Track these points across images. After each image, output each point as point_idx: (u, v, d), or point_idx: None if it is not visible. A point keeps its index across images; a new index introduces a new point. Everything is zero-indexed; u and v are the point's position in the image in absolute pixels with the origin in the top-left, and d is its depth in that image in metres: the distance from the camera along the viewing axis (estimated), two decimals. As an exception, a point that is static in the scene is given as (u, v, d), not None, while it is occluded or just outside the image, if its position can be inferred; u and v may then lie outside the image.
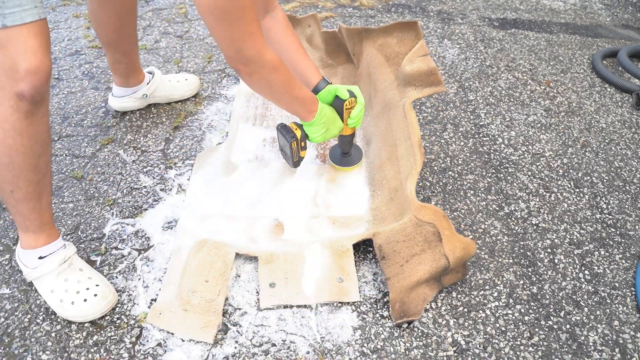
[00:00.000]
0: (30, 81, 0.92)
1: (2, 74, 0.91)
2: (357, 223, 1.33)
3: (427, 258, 1.14)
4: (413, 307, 1.13)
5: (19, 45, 0.89)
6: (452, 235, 1.15)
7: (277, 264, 1.21)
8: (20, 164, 0.99)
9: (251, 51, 1.04)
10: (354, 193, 1.42)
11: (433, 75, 1.38)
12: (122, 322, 1.12)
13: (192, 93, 1.78)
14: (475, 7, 2.61)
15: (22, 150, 0.98)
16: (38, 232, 1.10)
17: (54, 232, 1.14)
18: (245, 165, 1.48)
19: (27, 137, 0.97)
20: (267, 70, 1.09)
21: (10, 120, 0.94)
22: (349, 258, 1.22)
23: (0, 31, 0.88)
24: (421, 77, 1.39)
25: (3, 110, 0.94)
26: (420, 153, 1.27)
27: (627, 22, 2.61)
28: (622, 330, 1.17)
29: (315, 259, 1.22)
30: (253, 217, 1.34)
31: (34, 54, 0.91)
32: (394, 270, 1.15)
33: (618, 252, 1.36)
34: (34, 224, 1.09)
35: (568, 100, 1.94)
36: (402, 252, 1.16)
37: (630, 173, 1.62)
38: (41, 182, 1.05)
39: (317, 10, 2.45)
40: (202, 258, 1.19)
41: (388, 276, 1.15)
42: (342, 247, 1.24)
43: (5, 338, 1.08)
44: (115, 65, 1.58)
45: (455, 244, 1.14)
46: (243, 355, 1.07)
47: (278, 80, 1.13)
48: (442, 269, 1.14)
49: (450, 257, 1.12)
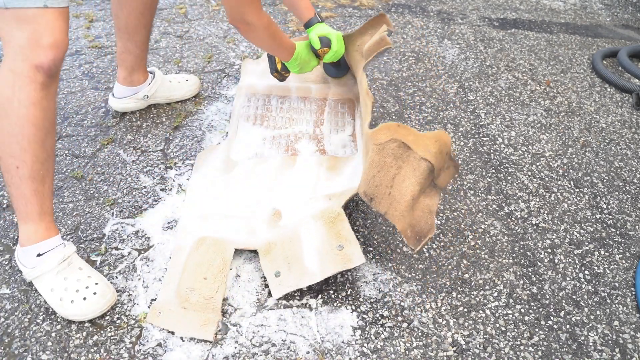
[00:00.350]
0: (52, 54, 1.02)
1: (27, 47, 1.01)
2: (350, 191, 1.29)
3: (407, 172, 1.09)
4: (423, 224, 1.09)
5: (49, 23, 1.02)
6: (417, 137, 1.10)
7: (276, 252, 1.21)
8: (30, 136, 1.04)
9: (250, 16, 1.29)
10: (354, 181, 1.42)
11: (383, 41, 1.47)
12: (122, 322, 1.12)
13: (193, 93, 1.78)
14: (475, 7, 2.61)
15: (34, 121, 1.04)
16: (38, 222, 1.11)
17: (53, 227, 1.14)
18: (245, 162, 1.48)
19: (39, 109, 1.04)
20: (260, 30, 1.35)
21: (27, 89, 1.02)
22: (342, 222, 1.19)
23: (40, 10, 1.00)
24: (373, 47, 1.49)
25: (21, 80, 1.02)
26: (369, 97, 1.34)
27: (627, 22, 2.61)
28: (622, 330, 1.17)
29: (311, 234, 1.20)
30: (253, 212, 1.34)
31: (60, 32, 1.03)
32: (386, 203, 1.11)
33: (618, 252, 1.36)
34: (34, 211, 1.10)
35: (568, 100, 1.94)
36: (383, 181, 1.11)
37: (630, 173, 1.62)
38: (46, 162, 1.09)
39: (317, 10, 2.45)
40: (201, 256, 1.19)
41: (383, 212, 1.11)
42: (333, 212, 1.22)
43: (5, 338, 1.08)
44: (123, 56, 1.58)
45: (425, 142, 1.09)
46: (243, 355, 1.07)
47: (268, 35, 1.40)
48: (428, 172, 1.08)
49: (428, 155, 1.07)
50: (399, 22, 2.39)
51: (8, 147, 1.05)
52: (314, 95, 1.76)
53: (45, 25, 1.01)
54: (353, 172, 1.44)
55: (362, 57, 1.58)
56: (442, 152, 1.10)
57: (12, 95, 1.02)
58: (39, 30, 1.01)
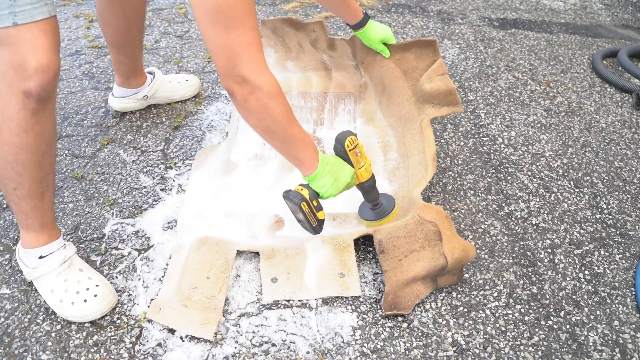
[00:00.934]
0: (39, 79, 0.91)
1: (11, 72, 0.91)
2: (357, 220, 1.33)
3: (426, 255, 1.15)
4: (405, 302, 1.14)
5: (28, 43, 0.88)
6: (452, 237, 1.16)
7: (278, 259, 1.22)
8: (25, 161, 0.99)
9: (248, 66, 0.93)
10: (352, 190, 1.42)
11: (451, 96, 1.41)
12: (122, 322, 1.12)
13: (193, 94, 1.78)
14: (475, 7, 2.61)
15: (28, 147, 0.97)
16: (39, 231, 1.10)
17: (55, 231, 1.14)
18: (245, 164, 1.48)
19: (32, 135, 0.97)
20: (264, 94, 0.96)
21: (17, 117, 0.94)
22: (350, 253, 1.24)
23: (11, 29, 0.87)
24: (439, 96, 1.42)
25: (10, 107, 0.93)
26: (433, 166, 1.29)
27: (627, 22, 2.61)
28: (622, 330, 1.17)
29: (317, 254, 1.23)
30: (253, 214, 1.34)
31: (44, 52, 0.90)
32: (392, 264, 1.16)
33: (618, 252, 1.36)
34: (35, 223, 1.09)
35: (568, 100, 1.94)
36: (402, 247, 1.17)
37: (630, 173, 1.62)
38: (45, 180, 1.05)
39: (317, 10, 2.45)
40: (204, 255, 1.20)
41: (385, 269, 1.16)
42: (344, 242, 1.25)
43: (5, 338, 1.08)
44: (117, 65, 1.59)
45: (455, 245, 1.15)
46: (243, 355, 1.07)
47: (277, 109, 1.00)
48: (440, 268, 1.14)
49: (449, 258, 1.13)
50: (399, 22, 2.39)
51: (3, 171, 1.00)
52: (315, 89, 1.76)
53: (27, 46, 0.88)
54: None
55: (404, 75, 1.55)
56: (460, 262, 1.16)
57: (1, 123, 0.95)
58: (21, 53, 0.88)
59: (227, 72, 0.94)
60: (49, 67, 0.91)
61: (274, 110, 0.99)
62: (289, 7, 2.47)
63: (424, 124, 1.41)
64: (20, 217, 1.08)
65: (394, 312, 1.13)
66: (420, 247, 1.17)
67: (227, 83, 0.96)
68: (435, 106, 1.44)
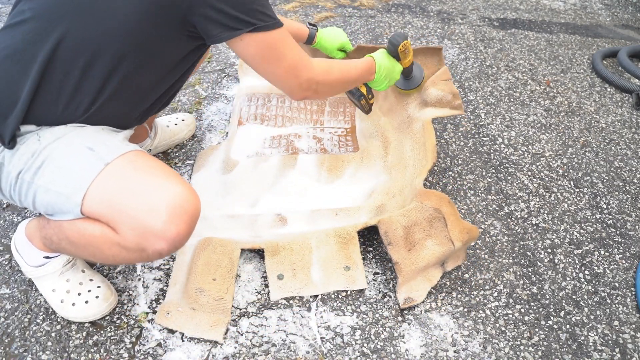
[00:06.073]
0: (166, 244, 0.87)
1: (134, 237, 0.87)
2: (359, 213, 1.34)
3: (434, 243, 1.18)
4: (419, 292, 1.17)
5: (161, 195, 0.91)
6: (457, 220, 1.19)
7: (283, 255, 1.22)
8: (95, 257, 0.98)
9: (307, 73, 1.06)
10: (354, 183, 1.44)
11: (454, 100, 1.45)
12: (122, 322, 1.12)
13: (191, 134, 1.64)
14: (475, 7, 2.61)
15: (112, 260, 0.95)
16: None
17: None
18: (245, 161, 1.48)
19: None
20: (324, 78, 1.13)
21: (130, 259, 0.92)
22: (354, 246, 1.25)
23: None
24: (443, 101, 1.46)
25: (129, 255, 0.91)
26: (433, 156, 1.33)
27: (627, 22, 2.62)
28: (622, 330, 1.17)
29: (321, 249, 1.24)
30: (255, 213, 1.34)
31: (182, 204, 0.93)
32: (402, 255, 1.18)
33: (618, 252, 1.36)
34: None
35: (568, 100, 1.94)
36: (409, 237, 1.19)
37: (630, 173, 1.62)
38: None
39: (317, 10, 2.45)
40: (208, 256, 1.20)
41: (396, 261, 1.17)
42: (347, 234, 1.26)
43: (5, 338, 1.08)
44: None
45: (460, 228, 1.18)
46: (243, 355, 1.07)
47: (335, 78, 1.17)
48: (449, 253, 1.17)
49: (456, 242, 1.16)
50: (399, 22, 2.39)
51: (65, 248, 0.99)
52: None
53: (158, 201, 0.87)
54: (352, 174, 1.47)
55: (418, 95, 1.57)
56: (466, 244, 1.20)
57: (107, 253, 0.91)
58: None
59: (298, 88, 1.08)
60: (187, 231, 0.92)
61: (335, 81, 1.18)
62: (289, 7, 2.47)
63: (425, 121, 1.43)
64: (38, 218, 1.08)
65: (410, 304, 1.15)
66: (427, 235, 1.19)
67: (301, 95, 1.10)
68: (437, 108, 1.47)
